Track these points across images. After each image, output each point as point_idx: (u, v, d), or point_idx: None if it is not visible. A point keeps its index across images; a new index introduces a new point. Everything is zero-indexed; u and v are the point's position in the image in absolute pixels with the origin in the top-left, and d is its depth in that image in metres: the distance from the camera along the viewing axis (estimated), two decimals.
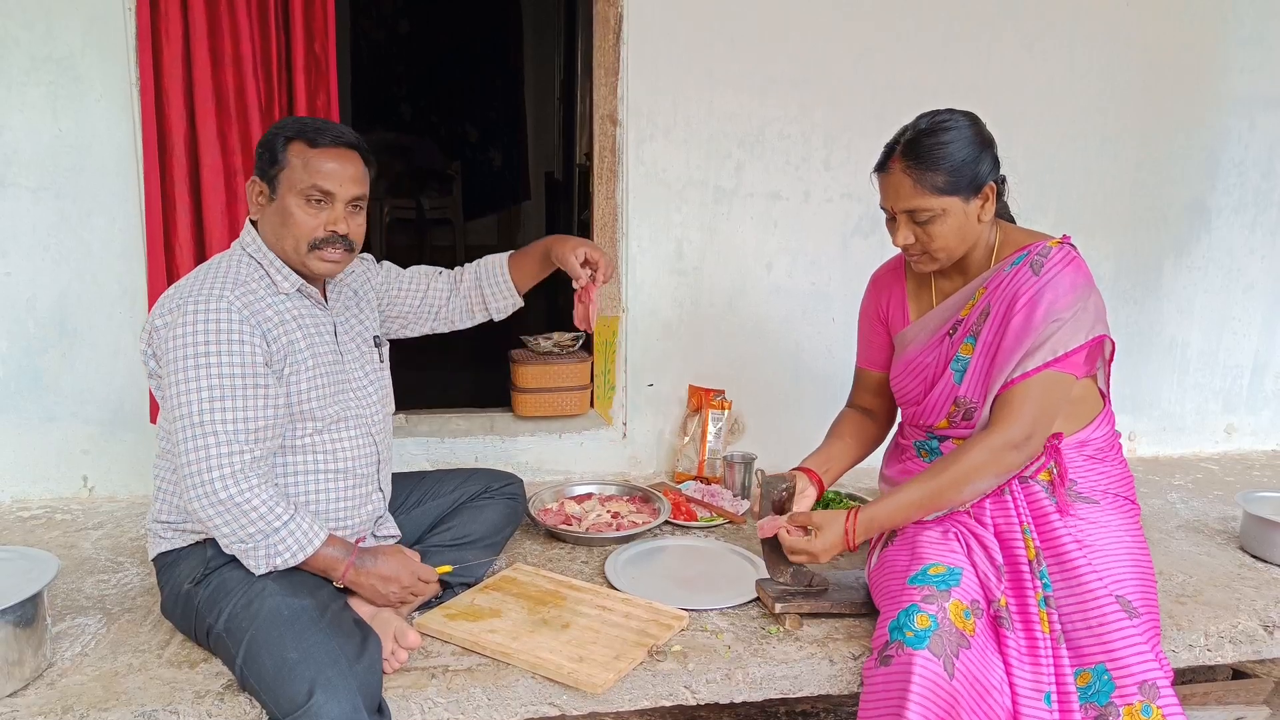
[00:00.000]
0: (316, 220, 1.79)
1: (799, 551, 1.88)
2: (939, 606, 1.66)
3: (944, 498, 1.84)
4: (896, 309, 2.08)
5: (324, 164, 1.78)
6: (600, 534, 2.36)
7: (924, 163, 1.79)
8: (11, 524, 2.48)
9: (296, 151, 1.78)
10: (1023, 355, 1.80)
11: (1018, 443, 1.80)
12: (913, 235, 1.85)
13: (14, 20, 2.40)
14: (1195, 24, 3.04)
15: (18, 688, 1.66)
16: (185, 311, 1.69)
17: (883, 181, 1.88)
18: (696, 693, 1.80)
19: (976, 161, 1.81)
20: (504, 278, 2.17)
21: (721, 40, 2.76)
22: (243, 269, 1.81)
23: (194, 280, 1.77)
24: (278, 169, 1.79)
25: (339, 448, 1.88)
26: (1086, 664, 1.68)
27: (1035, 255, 1.86)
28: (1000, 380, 1.84)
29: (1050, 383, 1.81)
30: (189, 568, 1.79)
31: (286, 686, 1.53)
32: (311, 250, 1.80)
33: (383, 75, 6.83)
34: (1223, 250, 3.25)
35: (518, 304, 2.22)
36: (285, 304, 1.82)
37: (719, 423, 2.88)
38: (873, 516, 1.86)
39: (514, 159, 7.02)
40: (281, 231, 1.80)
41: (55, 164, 2.48)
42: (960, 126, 1.82)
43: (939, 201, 1.80)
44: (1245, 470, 3.20)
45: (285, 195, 1.79)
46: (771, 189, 2.90)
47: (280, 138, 1.80)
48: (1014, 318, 1.82)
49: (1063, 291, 1.81)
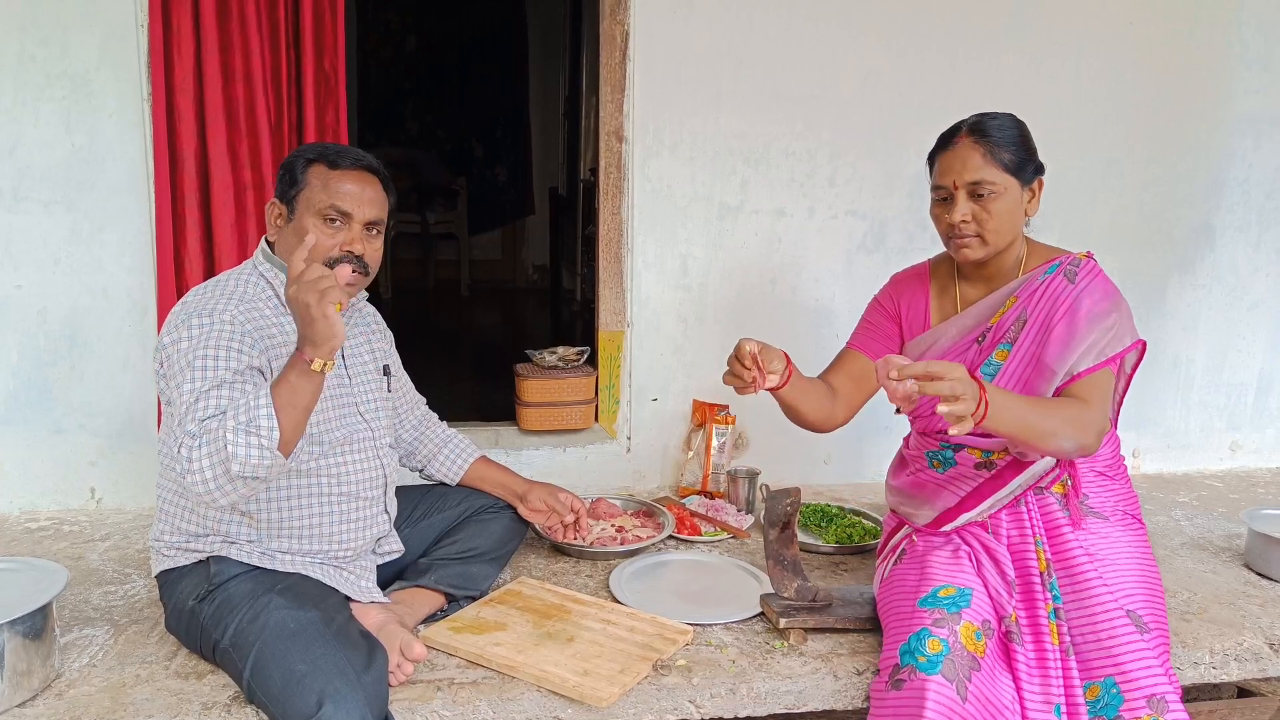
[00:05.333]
0: (333, 240, 1.80)
1: (938, 376, 1.54)
2: (950, 630, 1.66)
3: (1041, 425, 1.70)
4: (917, 313, 2.09)
5: (343, 185, 1.80)
6: (605, 548, 2.37)
7: (993, 138, 1.86)
8: (19, 535, 2.49)
9: (316, 173, 1.81)
10: (1080, 356, 1.83)
11: (1101, 428, 1.79)
12: (970, 212, 1.87)
13: (30, 38, 2.43)
14: (1201, 45, 3.06)
15: (26, 698, 1.66)
16: (190, 324, 1.69)
17: (946, 158, 1.90)
18: (701, 707, 1.80)
19: (1033, 153, 1.90)
20: (461, 466, 2.26)
21: (728, 58, 2.79)
22: (249, 287, 1.82)
23: (198, 296, 1.78)
24: (297, 190, 1.81)
25: (345, 471, 1.88)
26: (1095, 677, 1.68)
27: (1068, 265, 1.91)
28: (1060, 378, 1.84)
29: (1107, 380, 1.85)
30: (192, 585, 1.80)
31: (295, 699, 1.53)
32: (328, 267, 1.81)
33: (390, 92, 6.89)
34: (1227, 269, 3.25)
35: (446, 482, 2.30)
36: (290, 325, 1.81)
37: (723, 437, 2.88)
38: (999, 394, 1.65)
39: (519, 174, 7.07)
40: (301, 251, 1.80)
41: (68, 178, 2.51)
42: (1017, 122, 1.92)
43: (1003, 178, 1.86)
44: (1250, 488, 3.20)
45: (303, 215, 1.80)
46: (776, 205, 2.92)
47: (300, 160, 1.83)
48: (1057, 325, 1.85)
49: (1099, 298, 1.86)
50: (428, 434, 2.28)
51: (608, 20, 2.75)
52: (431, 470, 2.27)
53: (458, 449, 2.28)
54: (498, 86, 6.87)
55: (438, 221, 6.75)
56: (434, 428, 2.30)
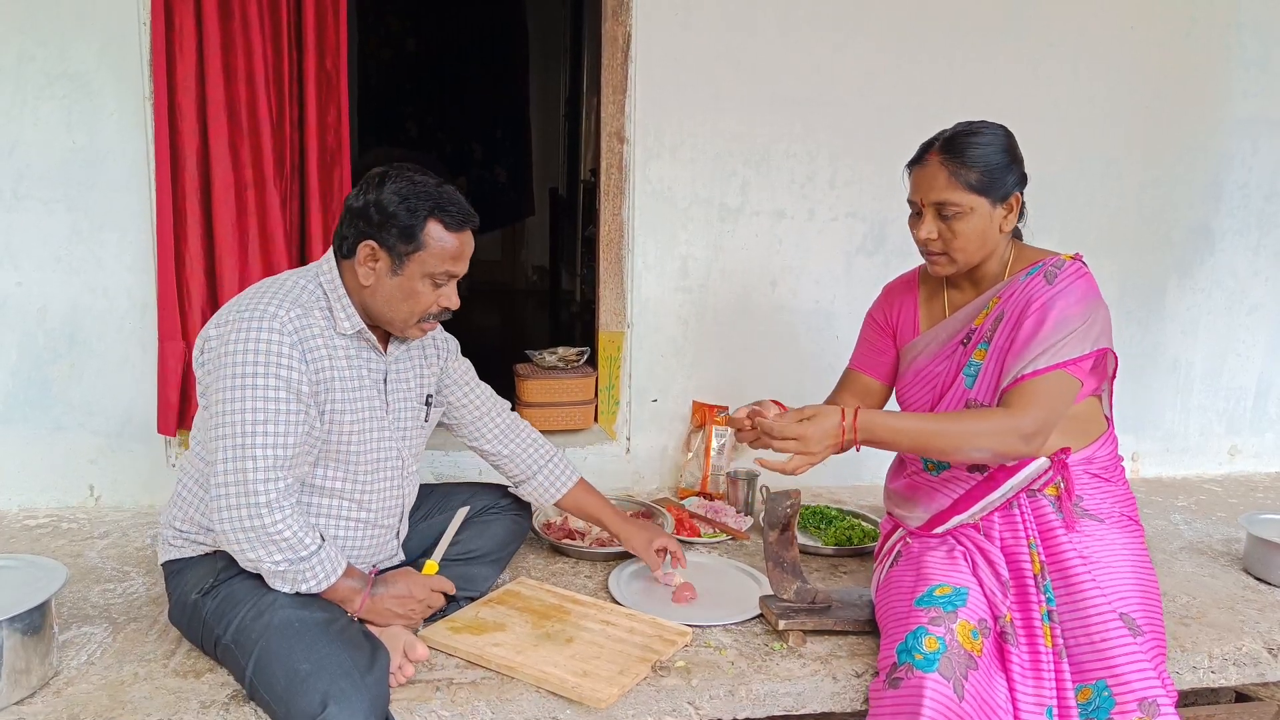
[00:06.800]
0: (433, 297, 1.80)
1: (787, 437, 1.77)
2: (946, 629, 1.66)
3: (939, 443, 1.81)
4: (907, 320, 2.10)
5: (457, 248, 1.78)
6: (604, 549, 2.37)
7: (961, 158, 1.84)
8: (18, 533, 2.48)
9: (434, 233, 1.75)
10: (1034, 355, 1.81)
11: (1026, 433, 1.78)
12: (936, 230, 1.88)
13: (30, 38, 2.43)
14: (1199, 48, 3.07)
15: (25, 696, 1.66)
16: (238, 327, 1.68)
17: (917, 174, 1.90)
18: (700, 709, 1.80)
19: (1008, 169, 1.87)
20: (564, 485, 2.19)
21: (728, 60, 2.79)
22: (307, 294, 1.79)
23: (254, 295, 1.76)
24: (413, 248, 1.75)
25: (367, 497, 1.88)
26: (1088, 679, 1.68)
27: (1049, 266, 1.90)
28: (1011, 375, 1.83)
29: (1060, 383, 1.81)
30: (197, 577, 1.80)
31: (299, 698, 1.53)
32: (418, 323, 1.82)
33: (390, 92, 6.89)
34: (1226, 272, 3.26)
35: (546, 506, 2.23)
36: (338, 341, 1.80)
37: (722, 439, 2.89)
38: (873, 420, 1.80)
39: (518, 175, 7.07)
40: (400, 306, 1.79)
41: (68, 177, 2.51)
42: (996, 134, 1.88)
43: (969, 199, 1.84)
44: (1249, 492, 3.20)
45: (414, 276, 1.77)
46: (777, 207, 2.92)
47: (419, 215, 1.74)
48: (1026, 320, 1.84)
49: (1074, 300, 1.84)
50: (523, 450, 2.17)
51: (609, 22, 2.76)
52: (526, 491, 2.20)
53: (556, 472, 2.18)
54: (498, 88, 6.87)
55: None
56: (528, 442, 2.18)
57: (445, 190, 1.79)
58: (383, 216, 1.75)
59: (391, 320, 1.82)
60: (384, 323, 1.84)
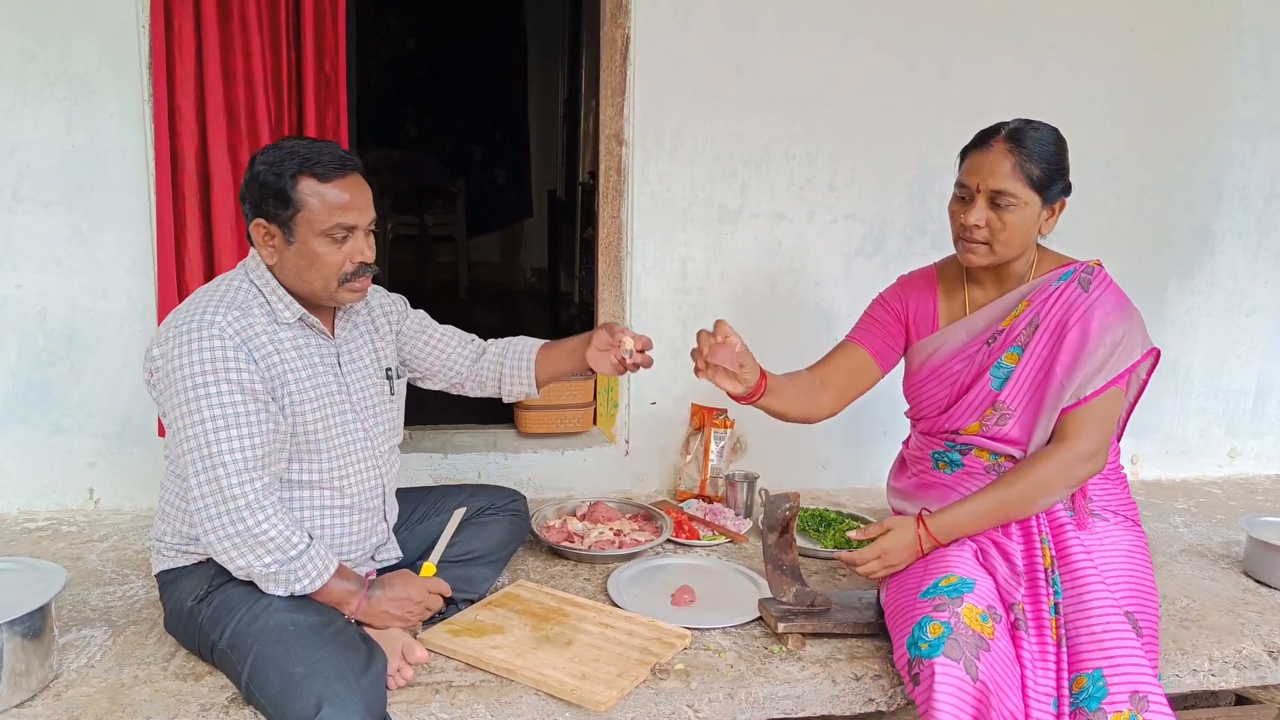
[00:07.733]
0: (341, 255, 1.76)
1: (869, 559, 1.86)
2: (951, 613, 1.65)
3: (1016, 508, 1.86)
4: (925, 315, 2.09)
5: (341, 198, 1.73)
6: (603, 551, 2.37)
7: (1028, 151, 1.84)
8: (17, 535, 2.48)
9: (309, 189, 1.72)
10: (1086, 377, 1.86)
11: (1089, 455, 1.85)
12: (985, 218, 1.87)
13: (31, 38, 2.43)
14: (1199, 50, 3.07)
15: (25, 699, 1.66)
16: (180, 341, 1.67)
17: (978, 158, 1.89)
18: (699, 711, 1.80)
19: (1063, 174, 1.90)
20: (528, 365, 2.14)
21: (727, 61, 2.79)
22: (241, 294, 1.77)
23: (189, 306, 1.75)
24: (292, 211, 1.72)
25: (346, 483, 1.87)
26: (1084, 669, 1.68)
27: (1082, 273, 1.92)
28: (1066, 400, 1.87)
29: (1112, 399, 1.88)
30: (191, 585, 1.80)
31: (294, 701, 1.53)
32: (342, 285, 1.79)
33: (389, 93, 6.89)
34: (1226, 274, 3.26)
35: (531, 393, 2.18)
36: (284, 333, 1.79)
37: (721, 441, 2.88)
38: (944, 521, 1.86)
39: (517, 176, 7.07)
40: (309, 274, 1.76)
41: (68, 178, 2.50)
42: (1059, 138, 1.90)
43: (1026, 193, 1.85)
44: (1249, 494, 3.20)
45: (307, 239, 1.73)
46: (776, 209, 2.92)
47: (286, 176, 1.71)
48: (1069, 333, 1.87)
49: (1111, 308, 1.88)
50: (483, 359, 2.17)
51: (608, 24, 2.75)
52: (506, 390, 2.17)
53: (514, 358, 2.15)
54: (496, 89, 6.87)
55: (436, 224, 6.74)
56: (489, 353, 2.18)
57: (315, 145, 1.76)
58: (259, 190, 1.73)
59: (313, 291, 1.79)
60: (310, 296, 1.80)
